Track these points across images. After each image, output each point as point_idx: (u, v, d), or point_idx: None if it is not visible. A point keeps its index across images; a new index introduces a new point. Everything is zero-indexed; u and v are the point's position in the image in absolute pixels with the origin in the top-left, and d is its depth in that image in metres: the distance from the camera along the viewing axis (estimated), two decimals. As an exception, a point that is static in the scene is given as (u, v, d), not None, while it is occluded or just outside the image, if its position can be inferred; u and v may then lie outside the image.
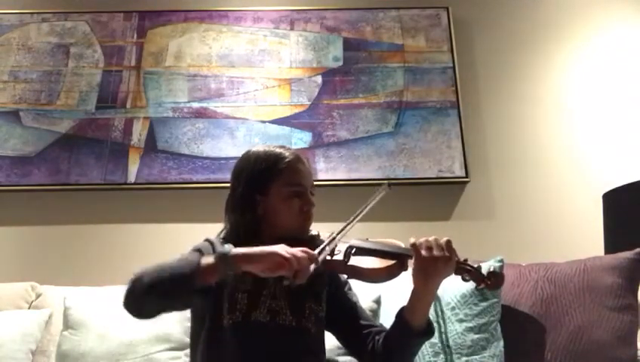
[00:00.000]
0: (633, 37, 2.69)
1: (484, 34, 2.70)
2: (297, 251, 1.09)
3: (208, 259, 1.11)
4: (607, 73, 2.63)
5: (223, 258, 1.09)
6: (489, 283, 1.19)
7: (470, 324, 1.62)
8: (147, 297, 1.11)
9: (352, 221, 1.25)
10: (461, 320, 1.64)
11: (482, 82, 2.62)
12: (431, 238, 1.18)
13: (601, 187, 2.21)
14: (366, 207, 1.29)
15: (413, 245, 1.18)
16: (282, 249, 1.09)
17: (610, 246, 2.02)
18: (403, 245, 1.27)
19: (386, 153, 2.43)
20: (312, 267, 1.09)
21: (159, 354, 1.70)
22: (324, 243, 1.16)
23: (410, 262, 1.21)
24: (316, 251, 1.13)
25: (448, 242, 1.17)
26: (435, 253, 1.16)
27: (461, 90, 2.53)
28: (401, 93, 2.53)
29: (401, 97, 2.52)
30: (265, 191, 1.31)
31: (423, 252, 1.16)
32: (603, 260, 1.75)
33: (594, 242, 2.11)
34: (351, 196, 2.26)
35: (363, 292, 1.48)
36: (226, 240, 1.33)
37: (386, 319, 1.65)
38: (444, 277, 1.19)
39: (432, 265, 1.16)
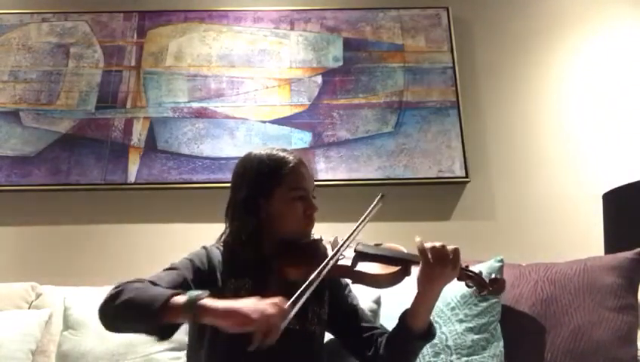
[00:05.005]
0: (634, 37, 2.69)
1: (484, 34, 2.70)
2: (268, 307, 1.03)
3: (178, 300, 1.07)
4: (607, 73, 2.63)
5: (190, 305, 1.05)
6: (491, 289, 1.21)
7: (470, 324, 1.62)
8: (116, 316, 1.11)
9: (345, 242, 1.23)
10: (461, 321, 1.64)
11: (482, 82, 2.62)
12: (438, 245, 1.17)
13: (601, 187, 2.21)
14: (361, 223, 1.27)
15: (422, 252, 1.17)
16: (251, 307, 1.03)
17: (610, 246, 2.02)
18: (405, 250, 1.28)
19: (386, 153, 2.43)
20: (284, 324, 1.03)
21: (159, 354, 1.70)
22: (299, 292, 1.08)
23: (414, 267, 1.22)
24: (289, 302, 1.05)
25: (455, 250, 1.18)
26: (443, 260, 1.16)
27: (461, 90, 2.53)
28: (401, 93, 2.53)
29: (401, 97, 2.52)
30: (268, 196, 1.30)
31: (431, 259, 1.16)
32: (603, 260, 1.75)
33: (594, 242, 2.11)
34: (351, 196, 2.27)
35: (363, 293, 1.48)
36: (227, 243, 1.33)
37: (386, 320, 1.65)
38: (448, 283, 1.20)
39: (439, 272, 1.16)
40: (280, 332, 1.02)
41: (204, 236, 1.40)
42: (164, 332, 1.10)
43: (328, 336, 1.40)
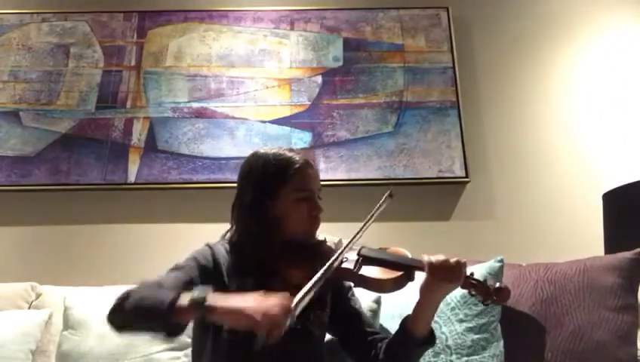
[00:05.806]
0: (634, 37, 2.69)
1: (484, 34, 2.70)
2: (272, 305, 1.02)
3: (183, 302, 1.07)
4: (607, 73, 2.63)
5: (196, 306, 1.07)
6: (495, 298, 1.20)
7: (470, 324, 1.62)
8: (128, 320, 1.13)
9: (354, 238, 1.25)
10: (461, 321, 1.64)
11: (482, 82, 2.62)
12: (442, 258, 1.19)
13: (601, 187, 2.21)
14: (369, 220, 1.29)
15: (429, 264, 1.19)
16: (255, 306, 1.03)
17: (610, 246, 2.02)
18: (410, 254, 1.28)
19: (386, 153, 2.43)
20: (288, 322, 1.02)
21: (159, 354, 1.70)
22: (305, 289, 1.08)
23: (417, 273, 1.22)
24: (295, 300, 1.04)
25: (458, 263, 1.19)
26: (446, 273, 1.18)
27: (461, 90, 2.53)
28: (401, 93, 2.53)
29: (401, 97, 2.52)
30: (274, 196, 1.30)
31: (437, 270, 1.18)
32: (603, 260, 1.75)
33: (594, 242, 2.11)
34: (351, 196, 2.28)
35: (364, 293, 1.47)
36: (232, 242, 1.33)
37: (386, 319, 1.66)
38: (450, 293, 1.23)
39: (442, 285, 1.19)
40: (284, 330, 1.02)
41: (205, 236, 1.39)
42: (174, 331, 1.12)
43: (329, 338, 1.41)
